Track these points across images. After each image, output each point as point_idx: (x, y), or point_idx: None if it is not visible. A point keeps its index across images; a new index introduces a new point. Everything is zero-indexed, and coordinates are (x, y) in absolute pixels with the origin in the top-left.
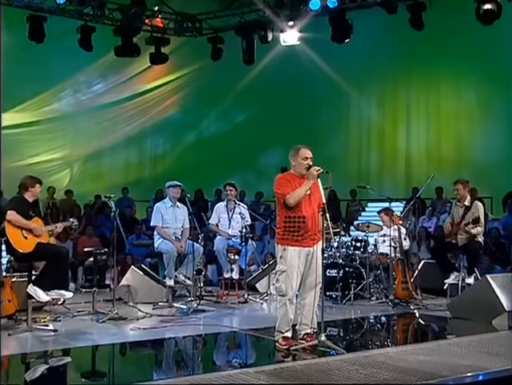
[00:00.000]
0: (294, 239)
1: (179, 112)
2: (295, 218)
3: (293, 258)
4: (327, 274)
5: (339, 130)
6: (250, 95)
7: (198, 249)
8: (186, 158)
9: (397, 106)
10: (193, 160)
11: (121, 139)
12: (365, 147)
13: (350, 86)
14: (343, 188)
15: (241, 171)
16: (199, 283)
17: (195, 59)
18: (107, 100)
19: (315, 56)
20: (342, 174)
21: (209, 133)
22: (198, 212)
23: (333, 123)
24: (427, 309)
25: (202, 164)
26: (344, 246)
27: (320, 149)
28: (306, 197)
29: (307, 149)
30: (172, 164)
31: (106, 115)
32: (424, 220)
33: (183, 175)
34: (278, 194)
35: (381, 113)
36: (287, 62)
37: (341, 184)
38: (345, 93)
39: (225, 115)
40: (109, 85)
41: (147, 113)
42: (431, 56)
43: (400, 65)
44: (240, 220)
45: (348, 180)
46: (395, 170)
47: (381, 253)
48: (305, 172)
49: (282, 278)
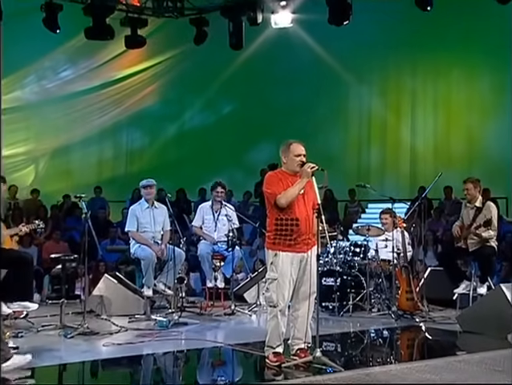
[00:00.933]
0: (287, 244)
1: (158, 102)
2: (287, 220)
3: (285, 265)
4: (322, 283)
5: (337, 123)
6: (238, 84)
7: (180, 254)
8: (166, 153)
9: (401, 96)
10: (174, 155)
11: (93, 133)
12: (365, 141)
13: (349, 74)
14: (341, 187)
15: (227, 168)
16: (180, 293)
17: (176, 43)
18: (76, 88)
19: (310, 40)
20: (339, 172)
21: (192, 126)
22: (180, 213)
23: (330, 115)
24: (434, 322)
25: (184, 161)
26: (342, 252)
27: (315, 144)
28: (300, 197)
29: (300, 144)
30: (150, 161)
31: (76, 106)
32: (431, 223)
33: (163, 172)
34: (268, 194)
35: (383, 104)
36: (279, 46)
37: (338, 183)
38: (343, 82)
39: (209, 105)
40: (79, 71)
41: (122, 103)
42: (439, 39)
43: (405, 50)
44: (226, 222)
45: (346, 179)
46: (398, 167)
47: (383, 259)
48: (298, 170)
49: (273, 287)
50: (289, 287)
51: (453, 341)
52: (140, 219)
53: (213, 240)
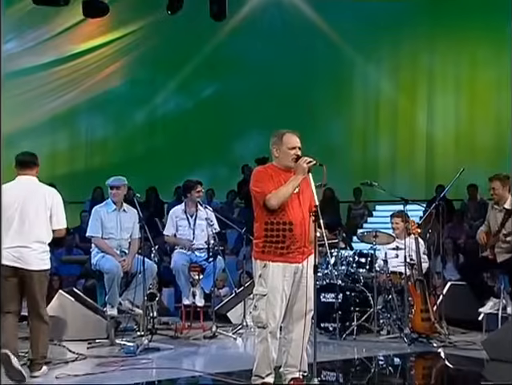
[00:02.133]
0: (278, 252)
1: (125, 83)
2: (279, 225)
3: (276, 278)
4: (321, 299)
5: (339, 109)
6: (221, 62)
7: (151, 266)
8: (134, 145)
9: (416, 76)
10: (144, 147)
11: (45, 119)
12: (373, 131)
13: (353, 50)
14: (344, 185)
15: (208, 163)
16: (151, 312)
17: (146, 12)
18: (23, 65)
19: (308, 9)
20: (342, 167)
21: (165, 112)
22: (151, 217)
23: (330, 100)
24: (455, 347)
25: (156, 154)
26: (344, 262)
27: (313, 135)
28: (294, 197)
29: (295, 135)
30: (115, 153)
31: (23, 86)
32: (452, 229)
33: (130, 167)
34: (256, 193)
35: (395, 86)
36: (270, 17)
37: (341, 181)
38: (346, 60)
39: (186, 87)
40: (26, 44)
41: (81, 84)
42: (461, 8)
43: (421, 21)
44: (206, 227)
45: (350, 176)
46: (412, 162)
47: (393, 271)
48: (292, 165)
49: (262, 304)
50: (281, 304)
51: (477, 370)
52: (105, 223)
53: (190, 245)
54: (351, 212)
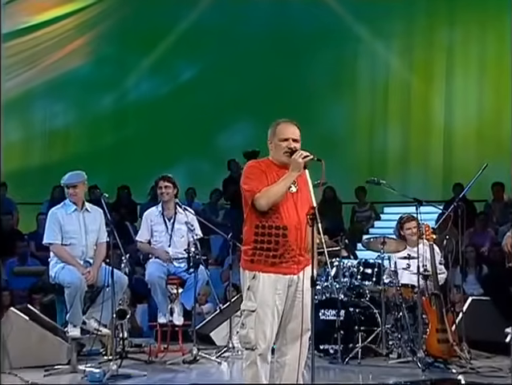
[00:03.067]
0: (269, 262)
1: (89, 63)
2: (271, 229)
3: (267, 291)
4: (320, 317)
5: (341, 94)
6: (202, 39)
7: (121, 278)
8: (101, 136)
9: (433, 55)
10: (113, 138)
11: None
12: (381, 120)
13: (358, 24)
14: (347, 183)
15: (188, 157)
16: (121, 333)
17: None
18: None
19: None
20: (345, 162)
21: (137, 97)
22: (122, 220)
23: (331, 82)
24: (478, 373)
25: (128, 146)
26: (347, 274)
27: (311, 124)
28: (289, 197)
29: (291, 125)
30: (78, 146)
31: None
32: (474, 235)
33: (97, 162)
34: (245, 191)
35: (407, 66)
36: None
37: (343, 178)
38: (351, 36)
39: (162, 69)
40: None
41: (36, 63)
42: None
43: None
44: (186, 233)
45: (354, 172)
46: (427, 156)
47: (405, 284)
48: (285, 160)
49: (251, 322)
50: (272, 322)
51: None
52: (65, 227)
53: (167, 257)
54: (355, 216)
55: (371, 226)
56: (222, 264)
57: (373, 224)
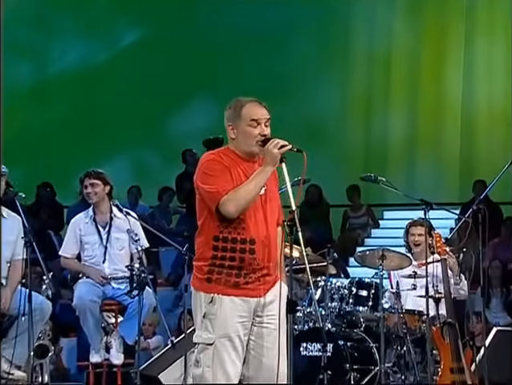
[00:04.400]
0: (232, 282)
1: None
2: (236, 243)
3: (228, 319)
4: (301, 352)
5: (330, 67)
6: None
7: (41, 305)
8: (15, 117)
9: (448, 17)
10: (30, 121)
11: None
12: (381, 100)
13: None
14: (336, 181)
15: (131, 146)
16: (40, 376)
17: None
18: None
19: None
20: (334, 154)
21: (63, 68)
22: (43, 229)
23: (319, 54)
24: None
25: (50, 132)
26: (336, 297)
27: (291, 106)
28: (257, 202)
29: (259, 106)
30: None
31: None
32: (499, 247)
33: (8, 153)
34: (205, 193)
35: (415, 31)
36: None
37: (332, 175)
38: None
39: (96, 32)
40: None
41: None
42: None
43: None
44: (127, 244)
45: (346, 167)
46: (440, 146)
47: (409, 310)
48: (256, 150)
49: (207, 359)
50: (236, 358)
51: None
52: None
53: (102, 276)
54: (346, 222)
55: (368, 236)
56: (176, 284)
57: (370, 233)
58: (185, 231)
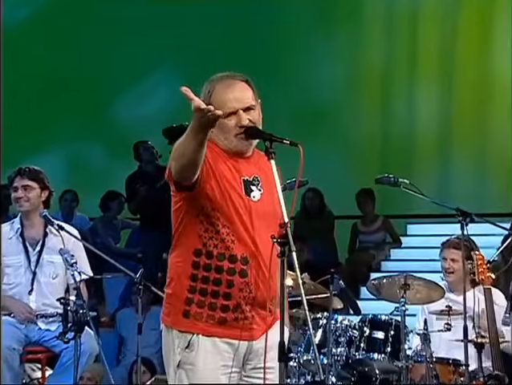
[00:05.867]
0: (217, 317)
1: None
2: (222, 260)
3: (210, 368)
4: None
5: (336, 34)
6: None
7: None
8: None
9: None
10: None
11: None
12: (403, 76)
13: None
14: (344, 184)
15: (66, 137)
16: None
17: None
18: None
19: None
20: (339, 148)
21: None
22: None
23: (317, 16)
24: None
25: None
26: (343, 340)
27: (281, 86)
28: (250, 209)
29: (235, 86)
30: None
31: None
32: None
33: None
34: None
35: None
36: None
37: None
38: None
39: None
40: None
41: None
42: None
43: None
44: (62, 271)
45: (356, 165)
46: (483, 137)
47: (442, 359)
48: (240, 146)
49: None
50: None
51: None
52: None
53: (27, 312)
54: (357, 239)
55: (385, 257)
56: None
57: (388, 255)
58: (139, 251)
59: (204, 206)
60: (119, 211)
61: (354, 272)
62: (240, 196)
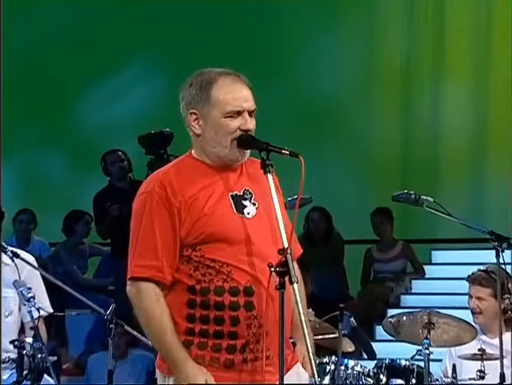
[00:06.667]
0: (222, 360)
1: None
2: (220, 294)
3: None
4: None
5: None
6: None
7: None
8: None
9: None
10: None
11: None
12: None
13: None
14: (355, 202)
15: (17, 146)
16: None
17: None
18: None
19: None
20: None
21: None
22: None
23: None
24: None
25: None
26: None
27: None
28: (248, 228)
29: (240, 84)
30: None
31: None
32: None
33: None
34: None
35: None
36: None
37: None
38: None
39: None
40: None
41: None
42: None
43: None
44: (17, 307)
45: (370, 180)
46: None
47: None
48: (231, 155)
49: None
50: None
51: None
52: None
53: None
54: (371, 268)
55: (406, 290)
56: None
57: (409, 287)
58: (110, 283)
59: (187, 245)
60: (85, 234)
61: (368, 308)
62: (230, 216)
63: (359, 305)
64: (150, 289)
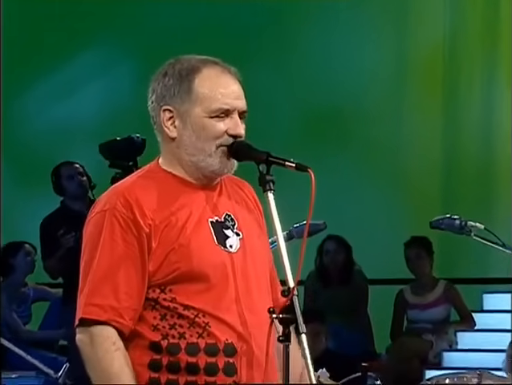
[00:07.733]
0: None
1: None
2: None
3: None
4: None
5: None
6: None
7: None
8: None
9: None
10: None
11: None
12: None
13: None
14: (383, 230)
15: None
16: None
17: None
18: None
19: None
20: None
21: None
22: None
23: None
24: None
25: None
26: None
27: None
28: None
29: (229, 77)
30: None
31: None
32: None
33: None
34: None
35: None
36: None
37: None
38: None
39: None
40: None
41: None
42: None
43: None
44: None
45: (402, 200)
46: None
47: None
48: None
49: None
50: None
51: None
52: None
53: None
54: (405, 315)
55: (449, 346)
56: None
57: (453, 341)
58: (62, 336)
59: (154, 285)
60: (28, 271)
61: (399, 368)
62: (211, 249)
63: (387, 365)
64: (106, 335)
